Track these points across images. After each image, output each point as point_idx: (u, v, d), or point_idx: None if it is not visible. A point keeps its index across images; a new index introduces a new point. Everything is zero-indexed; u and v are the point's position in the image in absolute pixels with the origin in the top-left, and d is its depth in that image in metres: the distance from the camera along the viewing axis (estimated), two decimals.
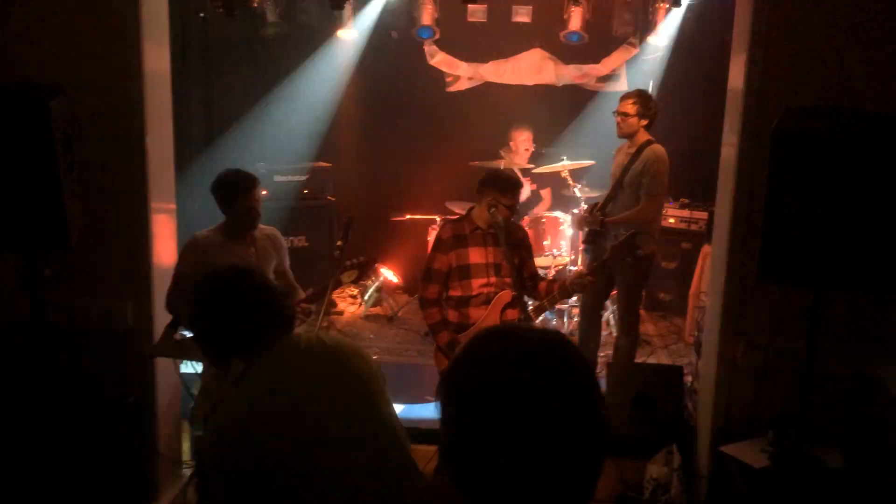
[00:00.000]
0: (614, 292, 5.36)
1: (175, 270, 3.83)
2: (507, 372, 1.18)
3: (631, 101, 5.00)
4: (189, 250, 3.82)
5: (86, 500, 3.55)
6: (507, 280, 4.06)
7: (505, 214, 3.99)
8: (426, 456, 3.19)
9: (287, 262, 4.04)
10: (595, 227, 5.09)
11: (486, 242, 4.08)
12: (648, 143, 4.98)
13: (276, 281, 3.92)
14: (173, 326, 3.77)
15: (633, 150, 5.00)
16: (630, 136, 5.03)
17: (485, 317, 4.07)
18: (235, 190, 3.77)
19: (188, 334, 3.81)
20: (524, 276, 4.16)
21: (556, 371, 1.19)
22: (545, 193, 6.83)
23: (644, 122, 4.97)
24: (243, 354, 2.28)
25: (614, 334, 5.55)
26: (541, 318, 4.59)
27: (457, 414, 1.21)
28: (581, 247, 6.25)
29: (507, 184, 4.06)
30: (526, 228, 4.79)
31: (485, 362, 1.21)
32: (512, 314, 4.08)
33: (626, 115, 4.98)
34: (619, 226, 4.90)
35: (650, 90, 6.15)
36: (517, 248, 4.14)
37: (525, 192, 6.55)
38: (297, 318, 3.81)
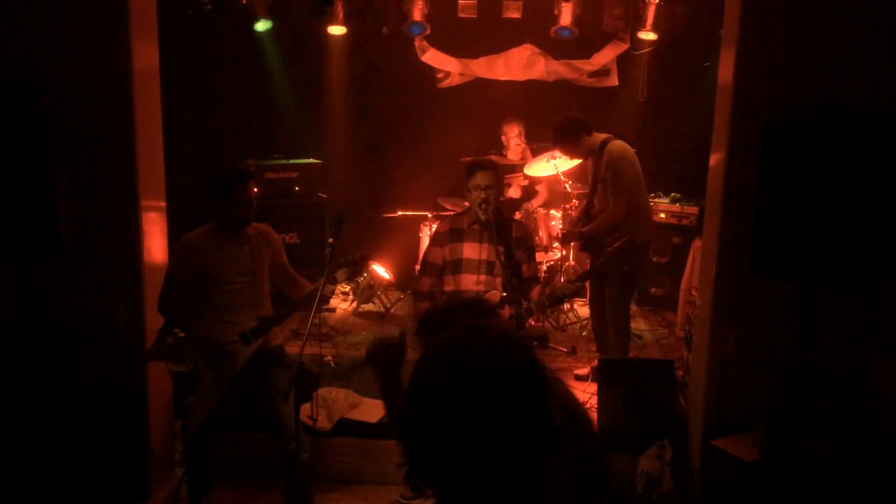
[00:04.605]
0: None
1: (167, 273, 3.75)
2: (460, 375, 1.28)
3: (558, 139, 5.08)
4: (181, 252, 3.72)
5: (80, 498, 3.55)
6: (498, 280, 4.03)
7: (481, 197, 3.92)
8: None
9: (284, 256, 3.97)
10: (576, 241, 5.08)
11: (483, 238, 4.05)
12: (605, 142, 4.98)
13: (275, 276, 3.89)
14: (166, 330, 3.73)
15: (598, 152, 5.04)
16: (586, 155, 5.11)
17: None
18: (230, 181, 3.72)
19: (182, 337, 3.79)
20: (523, 277, 4.05)
21: (503, 374, 1.28)
22: (541, 188, 6.82)
23: (581, 136, 4.99)
24: None
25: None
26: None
27: (418, 412, 1.31)
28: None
29: (470, 166, 4.04)
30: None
31: (438, 370, 1.31)
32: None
33: (566, 150, 5.13)
34: (603, 232, 4.90)
35: (641, 86, 6.16)
36: (517, 247, 4.07)
37: (512, 191, 6.55)
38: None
